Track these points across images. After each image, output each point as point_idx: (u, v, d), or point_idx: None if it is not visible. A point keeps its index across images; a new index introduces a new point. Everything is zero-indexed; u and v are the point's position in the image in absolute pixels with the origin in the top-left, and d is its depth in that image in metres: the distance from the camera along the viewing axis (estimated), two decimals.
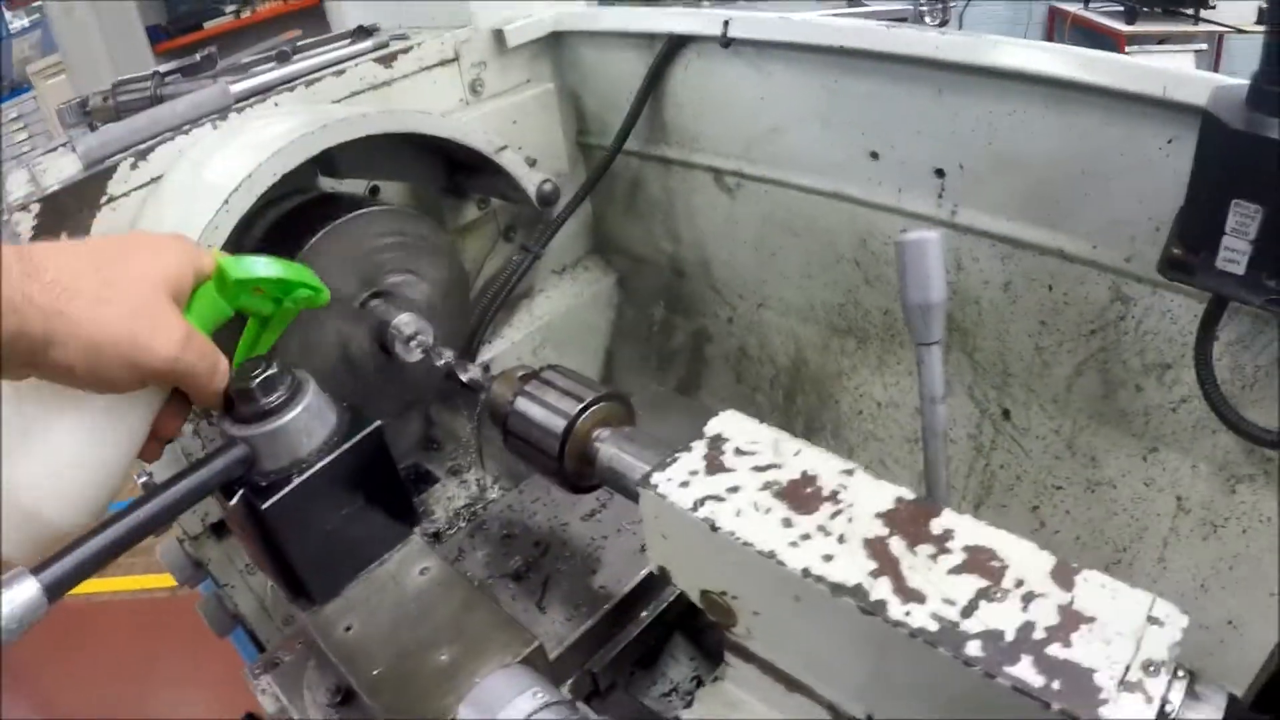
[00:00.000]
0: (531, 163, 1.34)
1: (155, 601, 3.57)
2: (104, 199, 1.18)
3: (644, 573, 0.99)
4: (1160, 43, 4.60)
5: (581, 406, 0.83)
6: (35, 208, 1.14)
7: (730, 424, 0.75)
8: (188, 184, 1.16)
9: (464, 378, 1.00)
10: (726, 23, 1.24)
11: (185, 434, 1.10)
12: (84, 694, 3.27)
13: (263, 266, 0.78)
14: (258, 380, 0.73)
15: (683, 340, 1.60)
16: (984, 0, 4.39)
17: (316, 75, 1.33)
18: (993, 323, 1.13)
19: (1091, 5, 4.87)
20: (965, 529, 0.60)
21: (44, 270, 0.61)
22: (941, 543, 0.60)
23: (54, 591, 0.64)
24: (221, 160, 1.14)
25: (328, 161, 1.14)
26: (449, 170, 1.39)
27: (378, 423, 0.78)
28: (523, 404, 0.88)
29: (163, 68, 1.48)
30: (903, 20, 3.73)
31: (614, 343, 1.69)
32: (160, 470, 1.00)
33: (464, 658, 0.77)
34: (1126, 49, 4.45)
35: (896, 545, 0.60)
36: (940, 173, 1.10)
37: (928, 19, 4.09)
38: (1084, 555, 1.14)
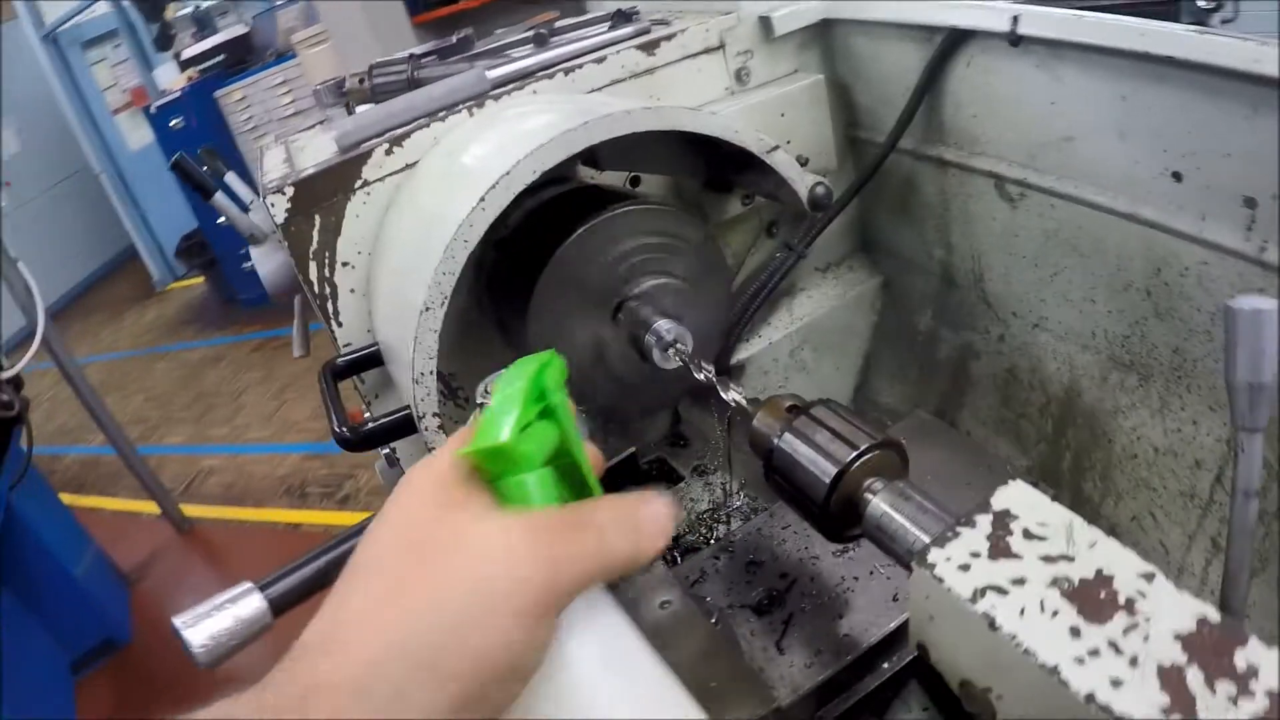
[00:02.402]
0: (803, 162, 1.29)
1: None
2: (358, 183, 1.21)
3: (893, 625, 0.95)
4: None
5: (855, 455, 0.79)
6: (289, 190, 1.17)
7: (1019, 498, 0.69)
8: (443, 173, 1.17)
9: (727, 398, 0.98)
10: (1016, 18, 1.15)
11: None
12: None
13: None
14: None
15: (948, 354, 1.52)
16: None
17: (576, 62, 1.32)
18: None
19: None
20: (1269, 665, 0.53)
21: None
22: (1244, 682, 0.53)
23: (278, 606, 0.66)
24: (478, 151, 1.14)
25: (588, 152, 1.14)
26: (713, 164, 1.36)
27: (632, 449, 0.76)
28: (790, 441, 0.84)
29: (418, 49, 1.51)
30: (1171, 3, 3.39)
31: (874, 348, 1.62)
32: None
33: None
34: None
35: (1194, 679, 0.54)
36: (1251, 202, 0.98)
37: (1201, 1, 3.72)
38: None
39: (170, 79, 7.09)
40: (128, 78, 7.81)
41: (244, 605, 0.76)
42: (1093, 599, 0.60)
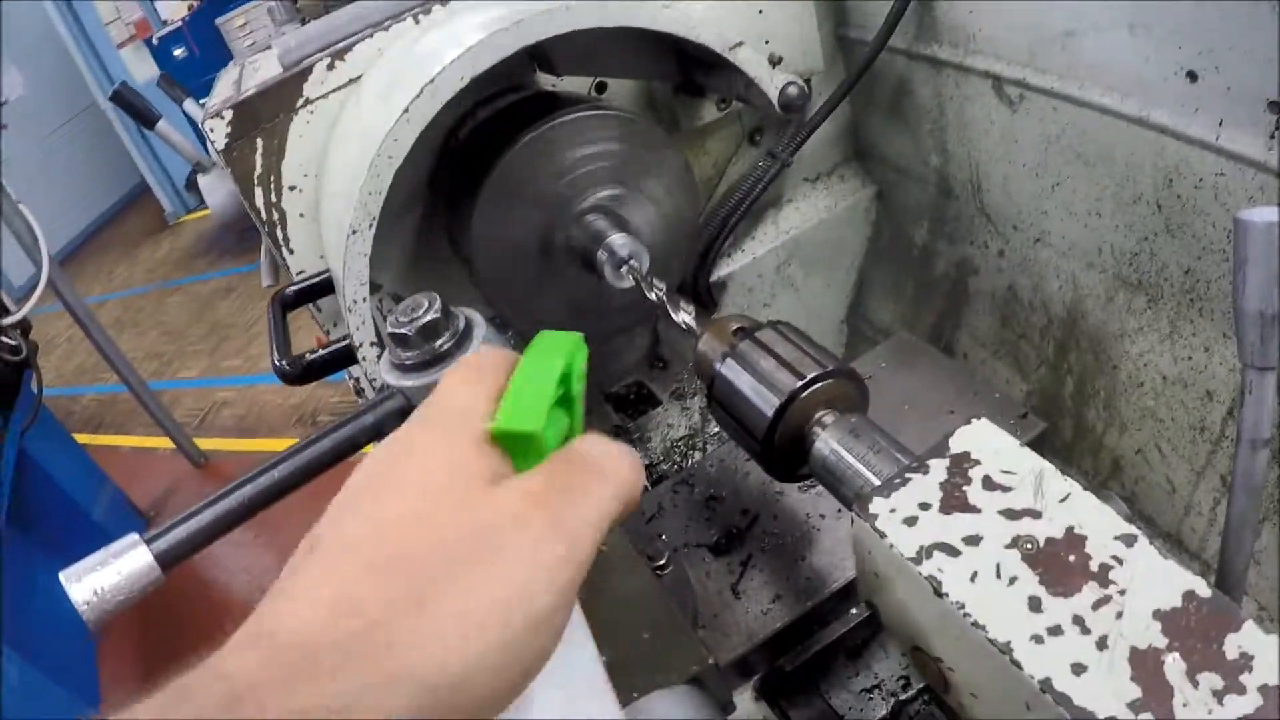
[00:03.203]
0: (776, 61, 1.18)
1: None
2: (300, 102, 1.12)
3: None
4: None
5: (802, 384, 0.69)
6: (228, 114, 1.09)
7: (983, 439, 0.58)
8: (384, 86, 1.08)
9: (675, 317, 0.88)
10: None
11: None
12: None
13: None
14: (418, 324, 0.61)
15: (945, 269, 1.41)
16: None
17: None
18: None
19: None
20: (1267, 657, 0.44)
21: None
22: (1234, 674, 0.43)
23: (166, 560, 0.60)
24: (413, 62, 1.06)
25: (544, 57, 1.03)
26: (683, 65, 1.25)
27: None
28: (731, 367, 0.74)
29: None
30: None
31: (867, 264, 1.52)
32: None
33: (626, 665, 0.67)
34: None
35: (1173, 668, 0.44)
36: (1275, 107, 0.86)
37: None
38: None
39: (172, 9, 6.96)
40: (130, 10, 7.65)
41: (129, 560, 0.69)
42: (1060, 564, 0.50)
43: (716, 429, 1.27)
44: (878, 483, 0.61)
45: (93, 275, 7.74)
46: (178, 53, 6.44)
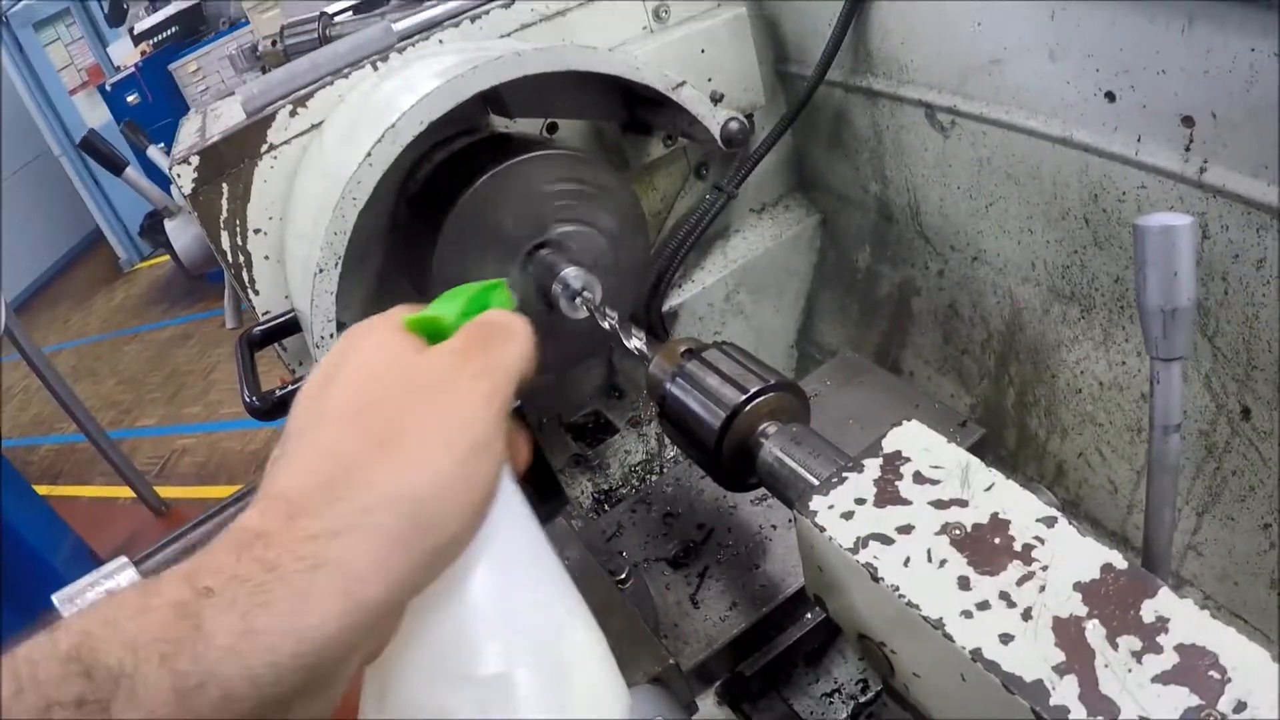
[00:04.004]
0: (717, 99, 1.24)
1: None
2: (264, 148, 1.16)
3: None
4: None
5: (745, 397, 0.74)
6: (194, 160, 1.13)
7: (913, 439, 0.63)
8: (344, 131, 1.12)
9: (628, 344, 0.93)
10: None
11: None
12: None
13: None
14: None
15: (889, 291, 1.47)
16: None
17: (483, 9, 1.26)
18: (1240, 304, 0.95)
19: None
20: (1183, 619, 0.48)
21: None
22: (1151, 635, 0.48)
23: None
24: (375, 106, 1.10)
25: (498, 101, 1.07)
26: (630, 105, 1.30)
27: (516, 403, 0.70)
28: (680, 385, 0.79)
29: (331, 8, 1.46)
30: None
31: (814, 289, 1.57)
32: None
33: None
34: None
35: (1094, 633, 0.49)
36: (1188, 121, 0.92)
37: None
38: None
39: (124, 54, 6.94)
40: (82, 56, 7.64)
41: (118, 580, 0.73)
42: (985, 547, 0.55)
43: (673, 453, 1.31)
44: (817, 484, 0.65)
45: (47, 324, 7.64)
46: (130, 99, 6.40)
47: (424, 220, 1.13)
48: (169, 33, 6.53)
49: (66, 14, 7.64)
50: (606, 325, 0.98)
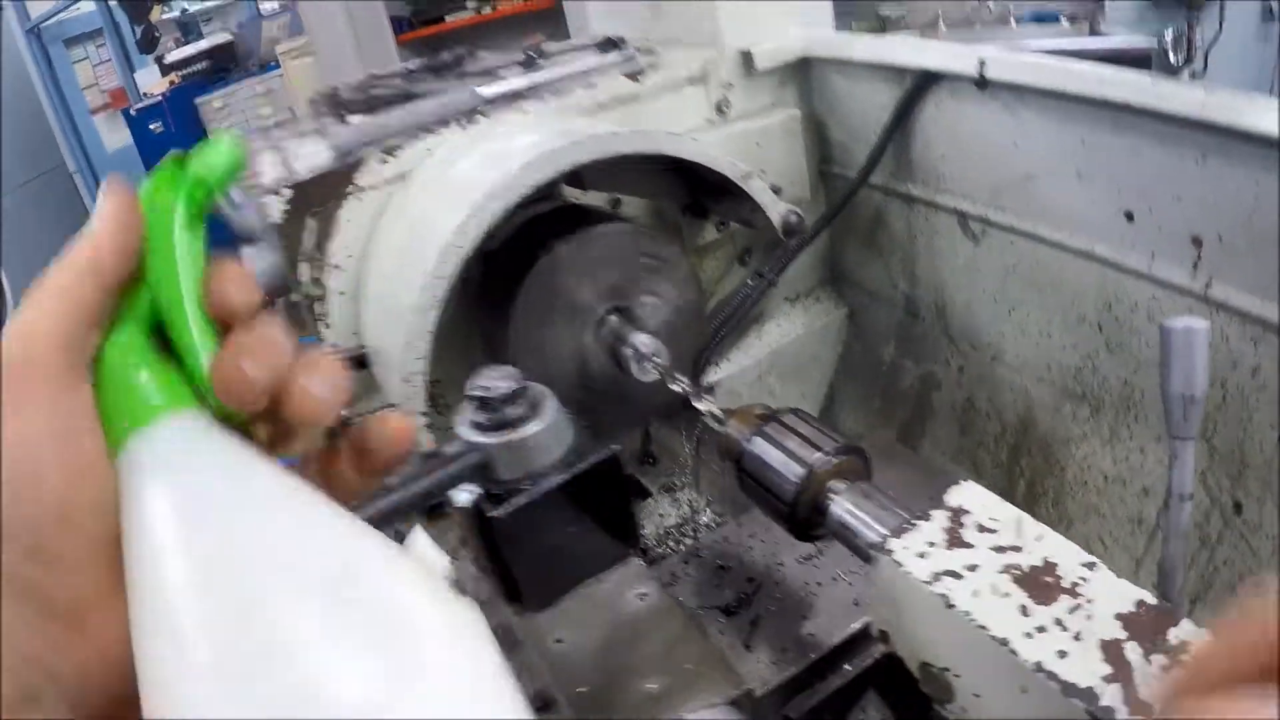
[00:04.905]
0: (777, 191, 1.35)
1: None
2: (350, 189, 1.25)
3: (854, 627, 0.99)
4: None
5: (821, 456, 0.85)
6: (287, 193, 1.21)
7: (971, 497, 0.75)
8: (435, 184, 1.21)
9: (700, 407, 1.03)
10: (983, 62, 1.21)
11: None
12: None
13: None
14: (499, 392, 0.73)
15: (910, 384, 1.58)
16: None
17: (566, 86, 1.37)
18: (1236, 408, 1.07)
19: None
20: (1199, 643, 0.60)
21: None
22: (1177, 655, 0.59)
23: None
24: (471, 164, 1.19)
25: (573, 172, 1.18)
26: (691, 190, 1.42)
27: (616, 448, 0.78)
28: (760, 445, 0.90)
29: (413, 64, 1.55)
30: (1146, 56, 3.53)
31: (838, 378, 1.68)
32: None
33: (672, 690, 0.79)
34: None
35: (1132, 652, 0.60)
36: (1197, 241, 1.05)
37: (1172, 56, 3.87)
38: None
39: (151, 82, 7.08)
40: (108, 78, 7.74)
41: None
42: (1040, 584, 0.66)
43: (706, 519, 1.40)
44: (887, 533, 0.76)
45: None
46: (154, 126, 6.53)
47: (501, 276, 1.23)
48: (199, 67, 6.68)
49: (98, 35, 7.73)
50: (678, 388, 1.09)
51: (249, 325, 0.46)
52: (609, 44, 1.53)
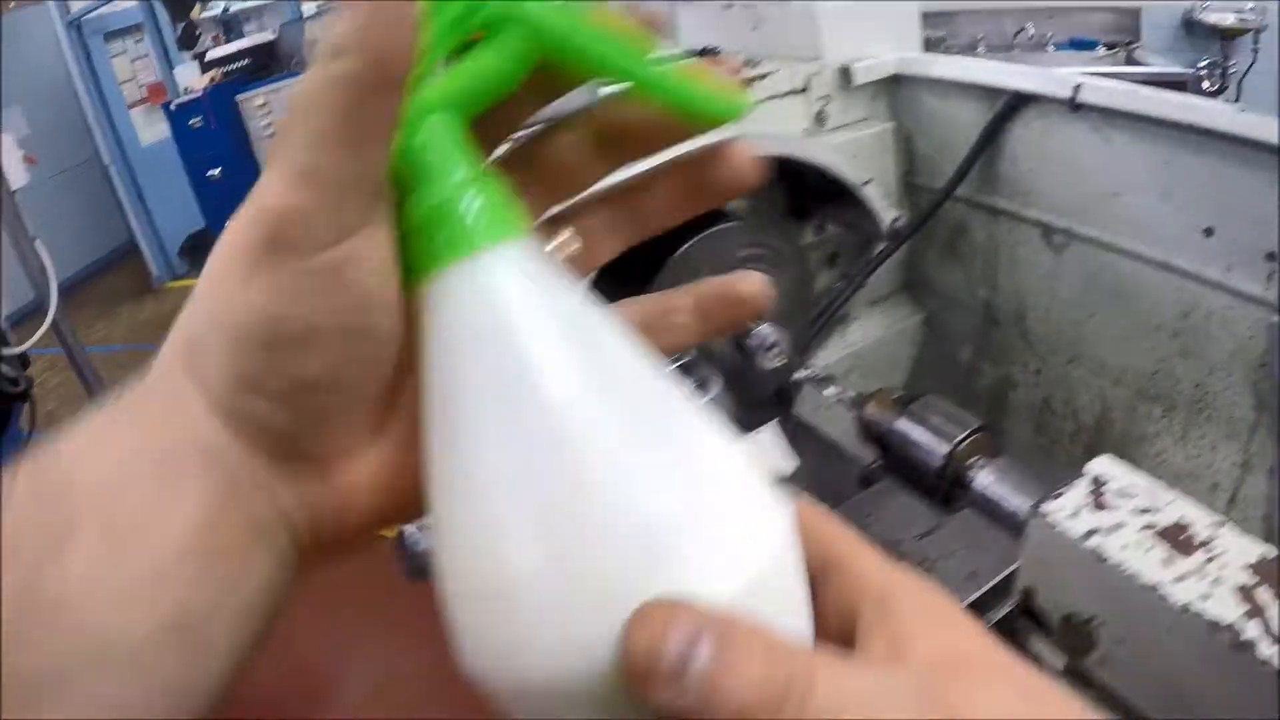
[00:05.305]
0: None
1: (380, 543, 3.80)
2: None
3: (973, 597, 1.11)
4: None
5: (967, 432, 0.96)
6: None
7: (1108, 468, 0.86)
8: None
9: (826, 392, 1.14)
10: (1078, 87, 1.31)
11: None
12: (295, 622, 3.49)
13: None
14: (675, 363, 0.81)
15: (986, 385, 1.69)
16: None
17: None
18: None
19: None
20: None
21: None
22: None
23: None
24: None
25: None
26: (791, 192, 1.53)
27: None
28: (905, 424, 1.01)
29: None
30: (1182, 84, 3.64)
31: (913, 379, 1.79)
32: None
33: None
34: None
35: (1263, 594, 0.70)
36: (1272, 257, 1.15)
37: (1205, 84, 3.98)
38: None
39: (190, 78, 7.17)
40: (146, 73, 7.84)
41: None
42: (1177, 539, 0.76)
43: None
44: (1030, 501, 0.87)
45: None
46: (193, 122, 6.62)
47: (628, 270, 1.33)
48: (240, 65, 6.79)
49: (137, 30, 7.83)
50: (803, 374, 1.20)
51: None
52: (708, 53, 1.64)
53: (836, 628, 0.37)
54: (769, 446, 0.47)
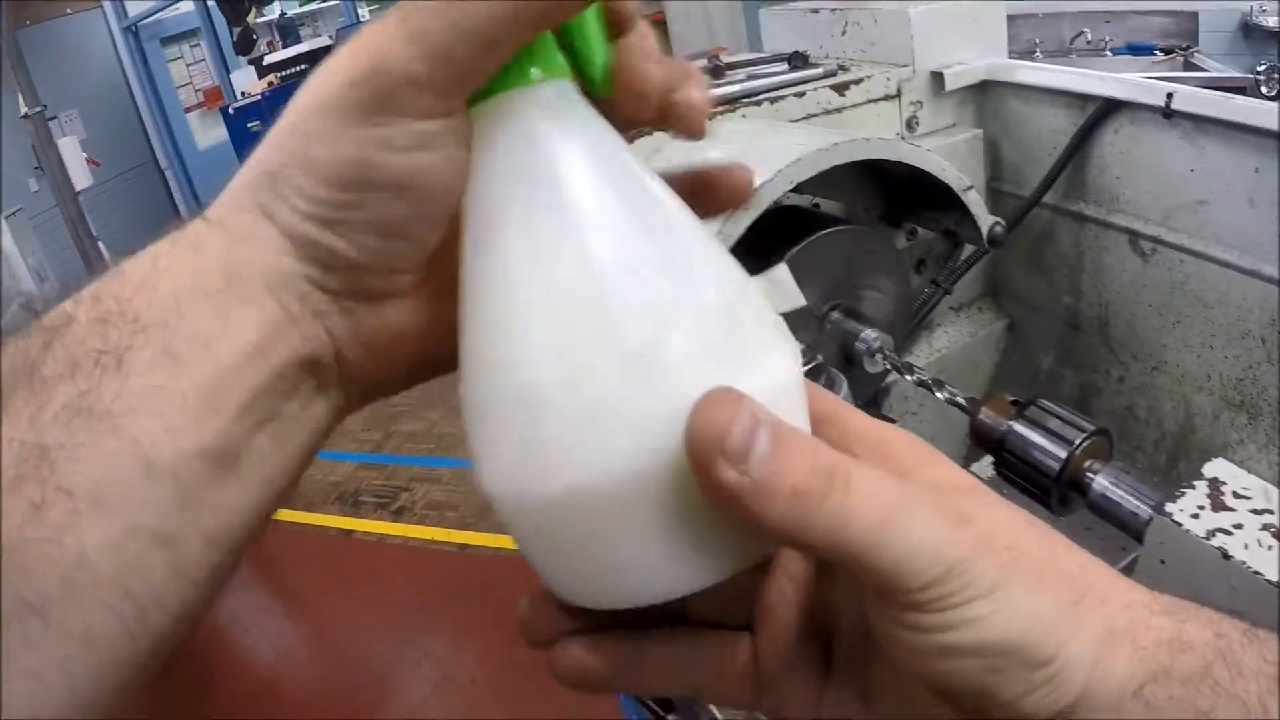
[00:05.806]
0: None
1: (442, 554, 3.88)
2: None
3: None
4: None
5: (1084, 436, 1.00)
6: None
7: (1223, 470, 0.89)
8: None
9: (940, 395, 1.18)
10: (1170, 95, 1.34)
11: None
12: (358, 626, 3.55)
13: None
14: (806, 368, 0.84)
15: (1068, 392, 1.71)
16: None
17: (779, 94, 1.51)
18: None
19: None
20: None
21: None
22: None
23: None
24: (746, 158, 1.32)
25: None
26: (885, 197, 1.56)
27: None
28: (1023, 428, 1.05)
29: None
30: (1241, 89, 3.63)
31: (994, 385, 1.82)
32: None
33: None
34: None
35: None
36: None
37: (1264, 88, 3.97)
38: None
39: (246, 83, 7.31)
40: (202, 78, 7.99)
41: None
42: None
43: None
44: (1148, 503, 0.91)
45: None
46: (252, 125, 6.76)
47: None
48: (297, 69, 6.91)
49: (194, 35, 7.98)
50: (912, 379, 1.24)
51: (640, 31, 0.42)
52: (798, 58, 1.68)
53: None
54: (781, 282, 0.47)
